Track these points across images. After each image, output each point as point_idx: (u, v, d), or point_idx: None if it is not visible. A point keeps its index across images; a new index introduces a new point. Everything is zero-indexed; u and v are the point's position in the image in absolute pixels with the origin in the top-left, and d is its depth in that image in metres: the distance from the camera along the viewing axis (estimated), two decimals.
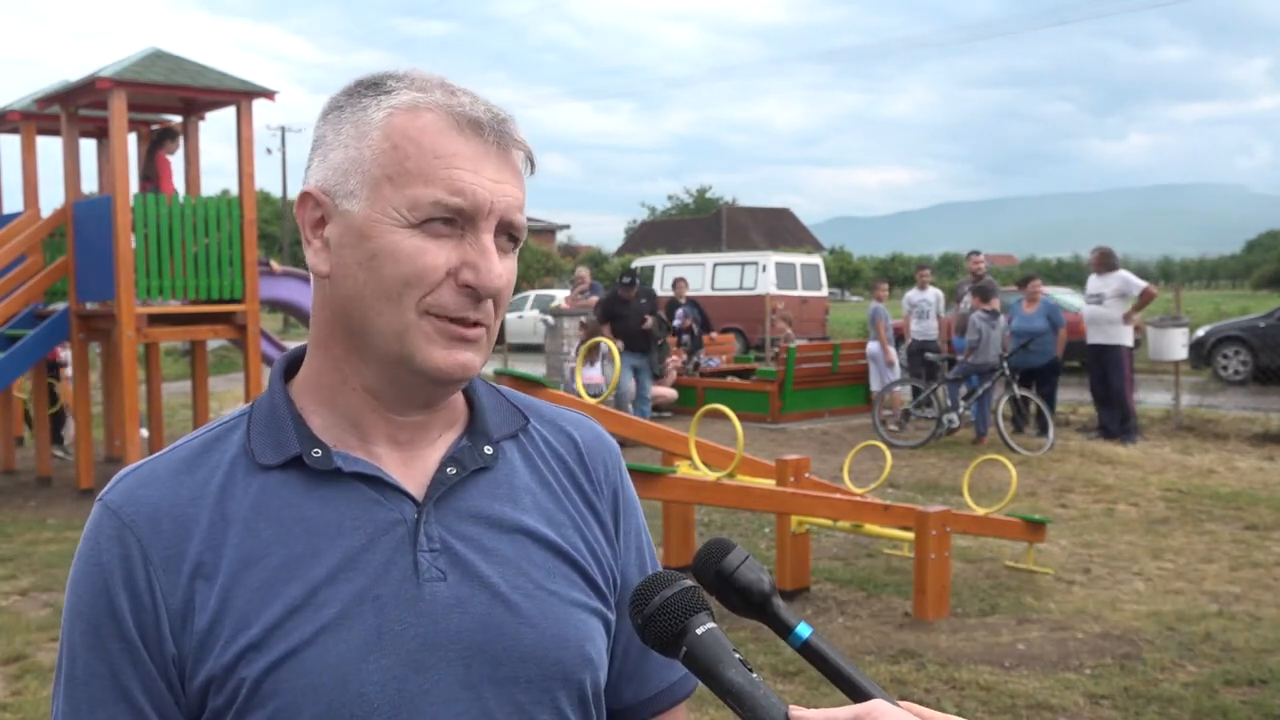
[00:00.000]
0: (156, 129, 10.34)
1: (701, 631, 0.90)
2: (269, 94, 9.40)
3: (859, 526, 6.24)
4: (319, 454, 1.01)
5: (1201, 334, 17.70)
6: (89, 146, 10.82)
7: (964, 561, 6.81)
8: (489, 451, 1.08)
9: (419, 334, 0.99)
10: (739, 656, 0.89)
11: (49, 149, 11.13)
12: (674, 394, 14.19)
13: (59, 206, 9.86)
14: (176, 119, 10.36)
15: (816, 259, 25.45)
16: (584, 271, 17.50)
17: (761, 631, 5.16)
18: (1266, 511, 8.18)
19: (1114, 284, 11.51)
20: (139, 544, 0.97)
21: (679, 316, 15.50)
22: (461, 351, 1.00)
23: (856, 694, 0.90)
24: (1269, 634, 5.41)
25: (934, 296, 13.62)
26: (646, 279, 16.41)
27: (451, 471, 1.05)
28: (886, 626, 5.65)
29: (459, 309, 0.99)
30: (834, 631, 5.57)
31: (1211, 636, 5.39)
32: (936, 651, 5.22)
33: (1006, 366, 11.65)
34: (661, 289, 19.40)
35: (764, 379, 14.23)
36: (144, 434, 10.73)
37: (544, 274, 41.68)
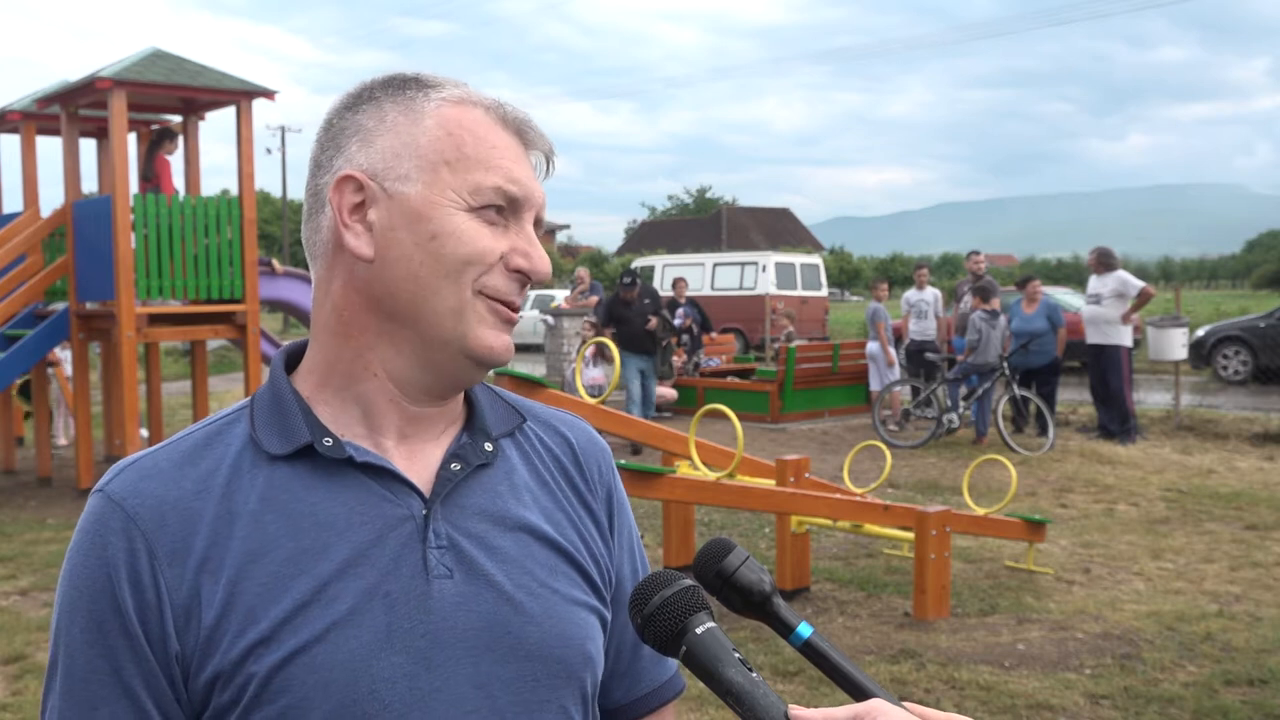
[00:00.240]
0: (156, 129, 10.34)
1: (701, 631, 0.90)
2: (269, 94, 9.40)
3: (859, 526, 6.24)
4: (330, 443, 1.00)
5: (1201, 334, 17.69)
6: (89, 146, 10.82)
7: (964, 561, 6.82)
8: (489, 449, 1.08)
9: (473, 313, 1.00)
10: (739, 656, 0.89)
11: (49, 149, 11.14)
12: (674, 394, 14.18)
13: (59, 206, 9.86)
14: (176, 119, 10.36)
15: (816, 259, 25.44)
16: (584, 272, 17.49)
17: (762, 631, 5.17)
18: (1266, 511, 8.18)
19: (1112, 284, 11.50)
20: (144, 537, 0.95)
21: (679, 316, 15.51)
22: (506, 334, 1.03)
23: (858, 693, 0.90)
24: (1269, 634, 5.41)
25: (932, 296, 13.59)
26: (646, 279, 16.39)
27: (456, 468, 1.05)
28: (886, 626, 5.65)
29: (509, 292, 1.02)
30: (834, 631, 5.57)
31: (1211, 636, 5.39)
32: (936, 651, 5.22)
33: (1006, 366, 11.65)
34: (661, 289, 19.37)
35: (764, 379, 14.24)
36: (144, 434, 10.73)
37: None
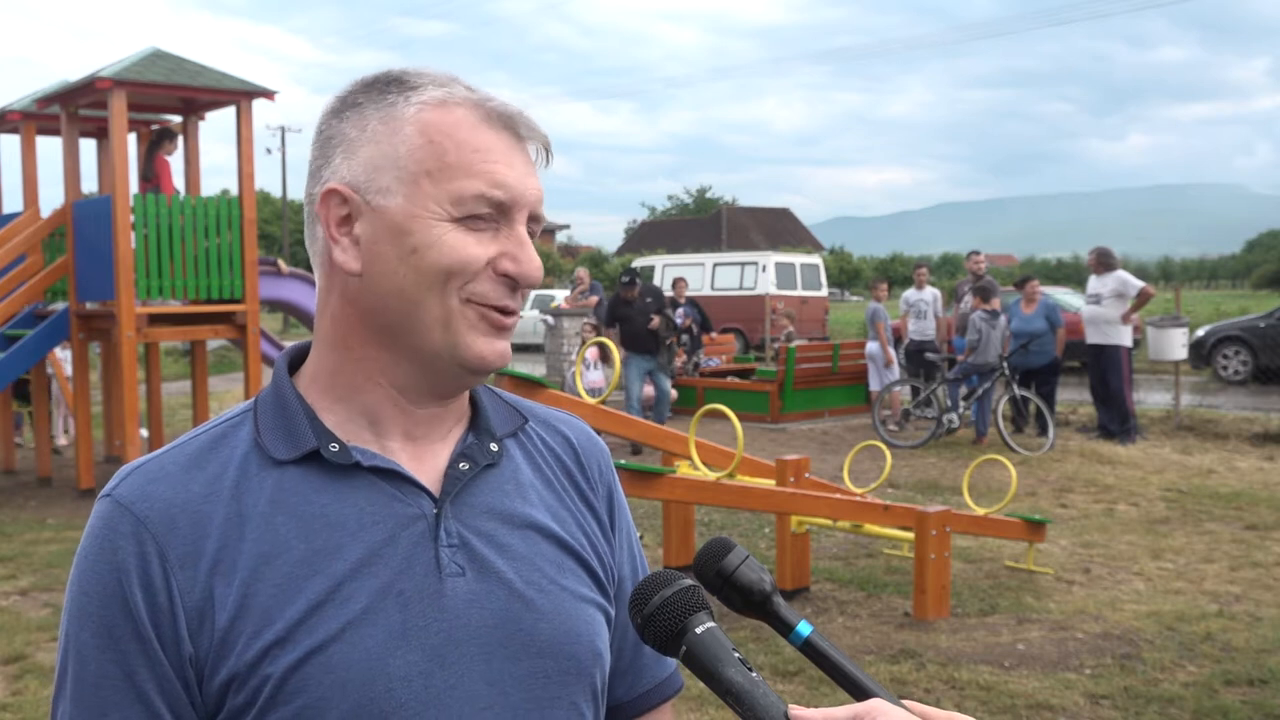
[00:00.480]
0: (156, 129, 10.34)
1: (701, 630, 0.90)
2: (269, 94, 9.40)
3: (859, 526, 6.24)
4: (336, 448, 1.00)
5: (1201, 334, 17.69)
6: (89, 146, 10.82)
7: (964, 561, 6.82)
8: (495, 448, 1.08)
9: (462, 322, 0.99)
10: (738, 655, 0.89)
11: (49, 149, 11.14)
12: (674, 394, 14.18)
13: (59, 206, 9.86)
14: (176, 119, 10.36)
15: (816, 259, 25.43)
16: (584, 272, 17.50)
17: (762, 631, 5.16)
18: (1266, 511, 8.18)
19: (1111, 284, 11.51)
20: (155, 541, 0.95)
21: (679, 316, 15.50)
22: (500, 340, 1.02)
23: (858, 692, 0.90)
24: (1269, 634, 5.41)
25: (931, 296, 13.56)
26: (646, 279, 16.35)
27: (464, 467, 1.05)
28: (886, 626, 5.65)
29: (498, 298, 1.01)
30: (834, 631, 5.57)
31: (1211, 636, 5.39)
32: (936, 651, 5.22)
33: (1006, 366, 11.65)
34: (661, 289, 19.32)
35: (764, 379, 14.24)
36: (144, 434, 10.74)
37: (544, 274, 41.71)
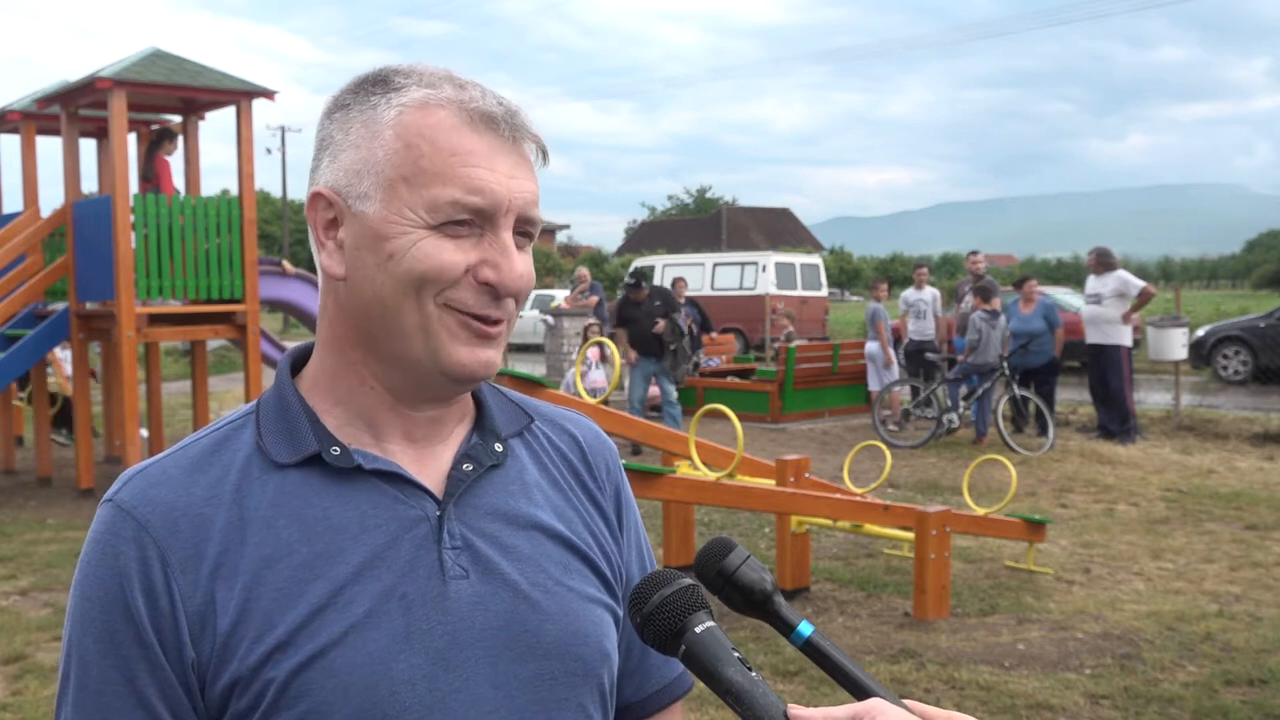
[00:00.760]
0: (156, 129, 10.35)
1: (700, 630, 0.90)
2: (269, 94, 9.40)
3: (859, 526, 6.24)
4: (338, 451, 1.00)
5: (1201, 334, 17.69)
6: (89, 146, 10.82)
7: (964, 561, 6.81)
8: (500, 449, 1.08)
9: (442, 329, 0.97)
10: (738, 655, 0.89)
11: (49, 149, 11.14)
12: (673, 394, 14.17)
13: (59, 206, 9.86)
14: (176, 119, 10.36)
15: (816, 259, 25.43)
16: (584, 271, 17.51)
17: (762, 630, 5.16)
18: (1266, 511, 8.18)
19: (1112, 284, 11.51)
20: (156, 546, 0.94)
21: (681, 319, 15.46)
22: (484, 349, 1.00)
23: (859, 692, 0.90)
24: (1269, 634, 5.40)
25: (930, 296, 13.55)
26: (646, 279, 16.32)
27: (468, 468, 1.04)
28: (886, 626, 5.64)
29: (479, 306, 0.98)
30: (834, 631, 5.57)
31: (1211, 636, 5.38)
32: (936, 651, 5.22)
33: (1006, 366, 11.66)
34: (674, 294, 19.29)
35: (764, 379, 14.24)
36: (144, 434, 10.73)
37: (544, 274, 41.71)
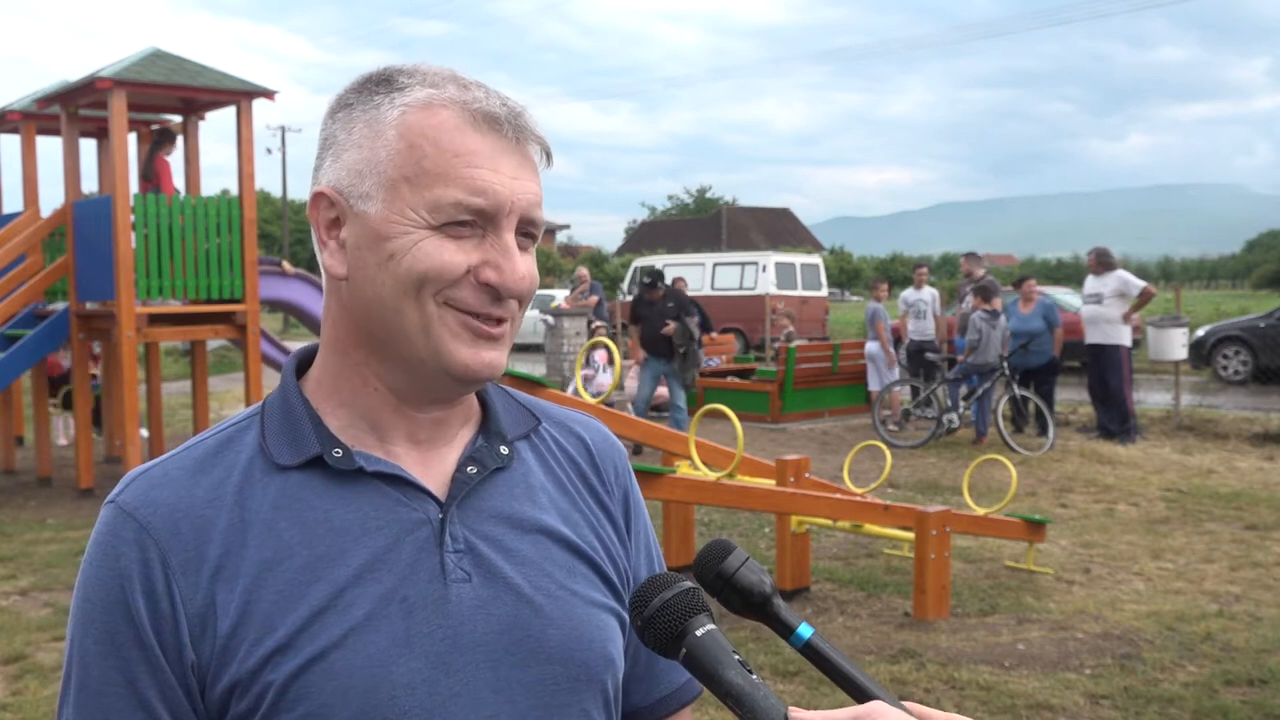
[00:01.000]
0: (156, 129, 10.35)
1: (701, 633, 0.89)
2: (269, 94, 9.40)
3: (859, 526, 6.24)
4: (340, 454, 0.99)
5: (1201, 334, 17.70)
6: (89, 146, 10.82)
7: (964, 561, 6.82)
8: (505, 451, 1.07)
9: (443, 328, 0.97)
10: (738, 658, 0.88)
11: (49, 149, 11.15)
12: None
13: (59, 206, 9.86)
14: (176, 119, 10.36)
15: (816, 259, 25.45)
16: (584, 271, 17.49)
17: (762, 632, 5.16)
18: (1266, 511, 8.18)
19: (1112, 284, 11.51)
20: (157, 547, 0.94)
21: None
22: (487, 350, 0.99)
23: (859, 694, 0.90)
24: (1269, 634, 5.41)
25: (930, 296, 13.55)
26: (661, 280, 16.29)
27: (472, 471, 1.03)
28: (886, 626, 5.64)
29: (480, 305, 0.98)
30: (834, 631, 5.57)
31: (1211, 636, 5.39)
32: (936, 651, 5.22)
33: (1006, 366, 11.65)
34: (689, 298, 19.30)
35: (764, 379, 14.23)
36: (144, 434, 10.73)
37: (544, 274, 41.73)
